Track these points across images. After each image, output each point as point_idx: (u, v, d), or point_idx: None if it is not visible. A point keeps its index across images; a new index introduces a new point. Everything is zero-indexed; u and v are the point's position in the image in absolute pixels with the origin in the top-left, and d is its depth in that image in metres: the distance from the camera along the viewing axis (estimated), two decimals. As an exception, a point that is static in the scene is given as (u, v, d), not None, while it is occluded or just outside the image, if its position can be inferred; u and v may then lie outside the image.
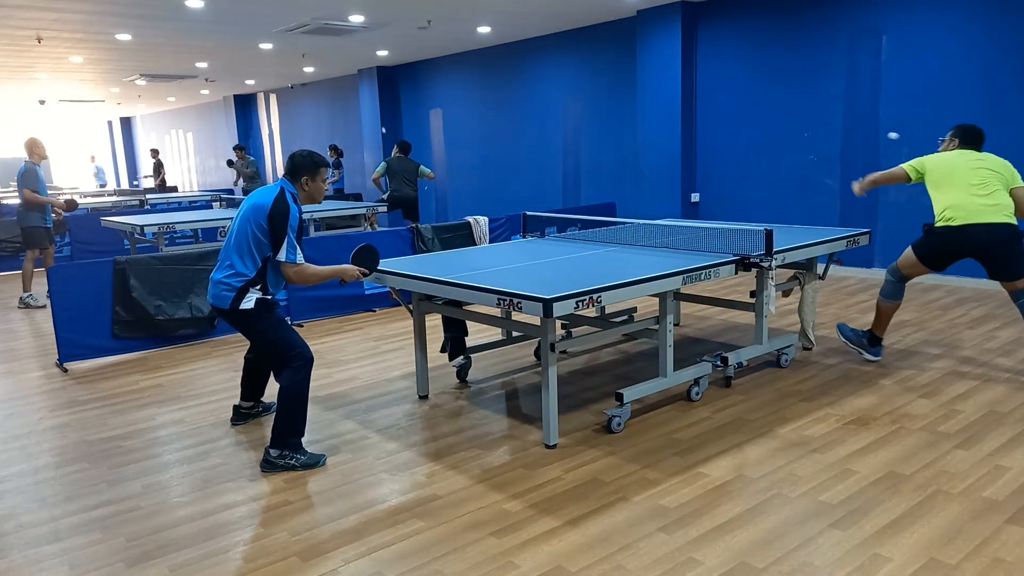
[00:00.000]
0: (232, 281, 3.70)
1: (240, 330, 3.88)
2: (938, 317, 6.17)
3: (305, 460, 3.69)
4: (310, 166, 3.82)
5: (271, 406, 4.37)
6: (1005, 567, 2.64)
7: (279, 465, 3.66)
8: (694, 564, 2.73)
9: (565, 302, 3.38)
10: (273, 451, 3.67)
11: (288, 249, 3.67)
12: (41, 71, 12.76)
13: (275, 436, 3.68)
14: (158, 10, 8.25)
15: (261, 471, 3.66)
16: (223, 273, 3.74)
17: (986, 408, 4.15)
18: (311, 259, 6.85)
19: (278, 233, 3.64)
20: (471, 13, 9.25)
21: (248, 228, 3.68)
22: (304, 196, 3.85)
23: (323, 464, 3.72)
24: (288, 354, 3.72)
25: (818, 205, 8.36)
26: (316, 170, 3.83)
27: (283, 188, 3.73)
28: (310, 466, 3.69)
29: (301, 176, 3.82)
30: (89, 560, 2.92)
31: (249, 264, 3.69)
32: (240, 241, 3.71)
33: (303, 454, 3.71)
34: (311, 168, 3.82)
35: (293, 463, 3.67)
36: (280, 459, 3.66)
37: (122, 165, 26.10)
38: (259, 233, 3.66)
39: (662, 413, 4.24)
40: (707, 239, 4.99)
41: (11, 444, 4.17)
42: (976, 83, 7.06)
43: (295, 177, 3.81)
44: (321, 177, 3.86)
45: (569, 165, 11.30)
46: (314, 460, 3.71)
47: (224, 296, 3.72)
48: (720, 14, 8.95)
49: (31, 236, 8.06)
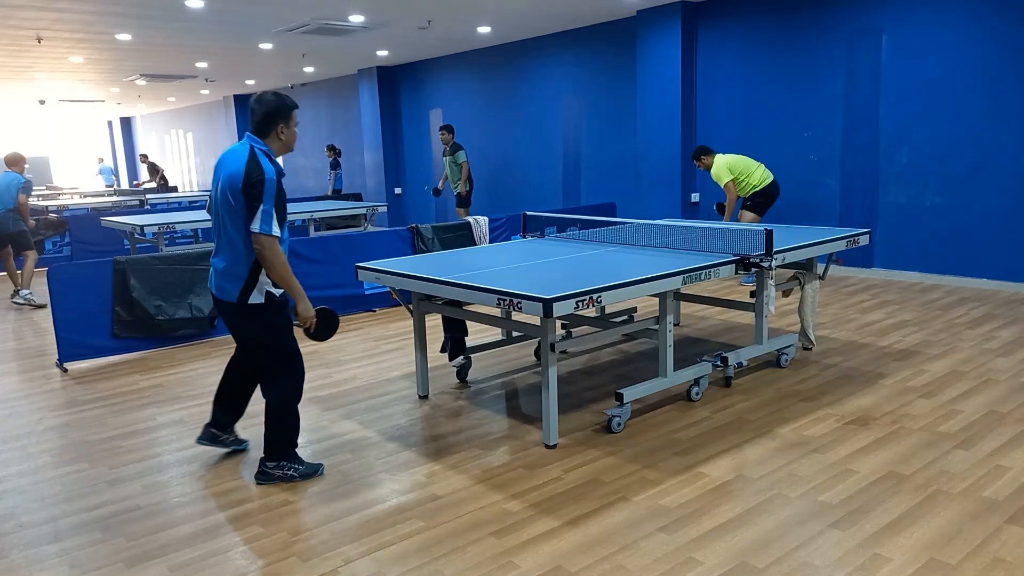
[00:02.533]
0: (237, 270, 3.31)
1: (239, 327, 3.48)
2: (938, 317, 6.17)
3: (304, 470, 3.56)
4: (283, 109, 3.33)
5: (244, 443, 3.93)
6: (1005, 567, 2.64)
7: (276, 476, 3.52)
8: (694, 564, 2.73)
9: (565, 302, 3.38)
10: (270, 463, 3.52)
11: (263, 219, 3.18)
12: (41, 71, 12.75)
13: (270, 448, 3.52)
14: (158, 10, 8.25)
15: (257, 483, 3.52)
16: (224, 261, 3.34)
17: (986, 408, 4.15)
18: (309, 259, 6.92)
19: (252, 202, 3.18)
20: (471, 13, 9.25)
21: (230, 203, 3.23)
22: (280, 147, 3.39)
23: (321, 473, 3.60)
24: (288, 365, 3.46)
25: (818, 205, 8.36)
26: (290, 113, 3.36)
27: (252, 148, 3.26)
28: (309, 475, 3.56)
29: (275, 124, 3.34)
30: (89, 560, 2.92)
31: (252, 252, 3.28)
32: (229, 222, 3.27)
33: (300, 463, 3.57)
34: (284, 112, 3.34)
35: (292, 473, 3.53)
36: (277, 470, 3.52)
37: (122, 165, 26.10)
38: (240, 207, 3.22)
39: (662, 413, 4.24)
40: (707, 239, 4.99)
41: (11, 444, 4.17)
42: (976, 83, 7.06)
43: (267, 128, 3.33)
44: (294, 121, 3.40)
45: (569, 165, 11.30)
46: (312, 469, 3.58)
47: (229, 288, 3.33)
48: (720, 14, 8.95)
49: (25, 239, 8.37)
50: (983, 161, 7.11)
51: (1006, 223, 7.03)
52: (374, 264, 4.44)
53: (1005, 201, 7.01)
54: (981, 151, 7.11)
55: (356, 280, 6.83)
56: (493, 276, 3.93)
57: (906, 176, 7.65)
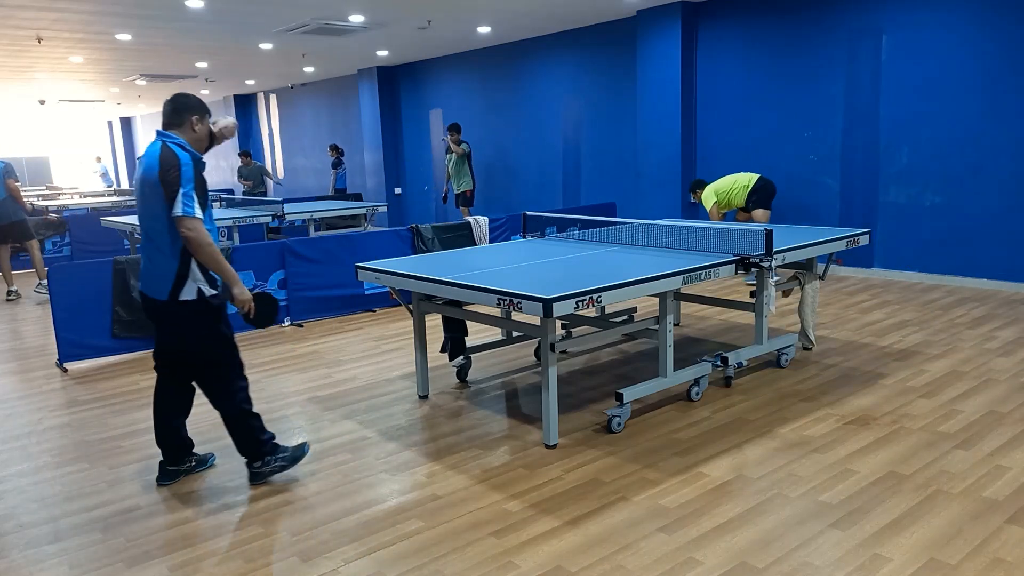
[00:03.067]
0: (166, 266, 3.19)
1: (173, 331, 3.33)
2: (938, 317, 6.17)
3: (289, 455, 3.53)
4: (193, 102, 3.30)
5: (208, 458, 3.74)
6: (1005, 567, 2.64)
7: (267, 473, 3.50)
8: (694, 564, 2.73)
9: (565, 302, 3.38)
10: (255, 464, 3.49)
11: (184, 201, 3.08)
12: (41, 71, 12.75)
13: (247, 452, 3.47)
14: (158, 10, 8.25)
15: (251, 485, 3.50)
16: (152, 260, 3.24)
17: (986, 408, 4.15)
18: (309, 259, 6.92)
19: (171, 189, 3.08)
20: (471, 13, 9.25)
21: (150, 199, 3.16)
22: (194, 140, 3.31)
23: (307, 451, 3.57)
24: (232, 370, 3.36)
25: (818, 205, 8.36)
26: (205, 109, 3.34)
27: (163, 142, 3.20)
28: (298, 458, 3.54)
29: (189, 115, 3.28)
30: (89, 560, 2.92)
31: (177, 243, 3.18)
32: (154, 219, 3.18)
33: (284, 451, 3.54)
34: (201, 107, 3.32)
35: (281, 464, 3.51)
36: (265, 467, 3.49)
37: (122, 165, 26.10)
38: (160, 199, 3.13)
39: (662, 413, 4.24)
40: (707, 239, 4.99)
41: (11, 444, 4.17)
42: (976, 83, 7.06)
43: (180, 118, 3.27)
44: (210, 119, 3.36)
45: (569, 165, 11.30)
46: (299, 452, 3.55)
47: (159, 287, 3.22)
48: (720, 14, 8.95)
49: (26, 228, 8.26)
50: (983, 161, 7.11)
51: (1006, 223, 7.03)
52: (374, 264, 4.44)
53: (1005, 201, 7.01)
54: (981, 151, 7.11)
55: (356, 280, 6.84)
56: (493, 276, 3.93)
57: (906, 176, 7.65)
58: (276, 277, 6.78)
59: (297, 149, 17.75)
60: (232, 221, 8.91)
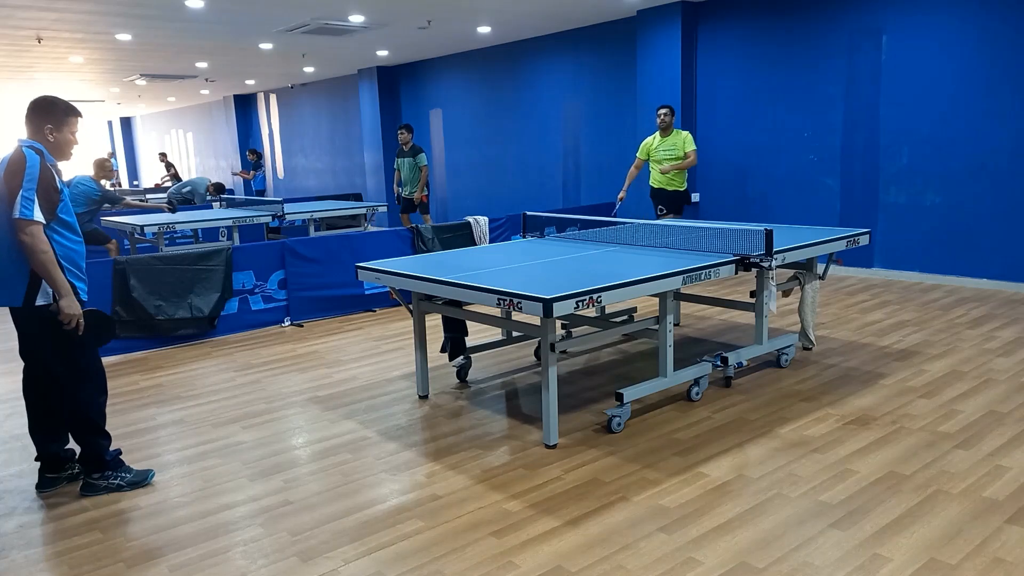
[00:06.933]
0: (17, 271, 3.12)
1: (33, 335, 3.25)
2: (938, 317, 6.17)
3: (131, 478, 3.47)
4: (51, 110, 3.21)
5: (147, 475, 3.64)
6: (1005, 567, 2.64)
7: (102, 487, 3.43)
8: (694, 564, 2.73)
9: (565, 302, 3.38)
10: (94, 475, 3.42)
11: (22, 203, 3.00)
12: (41, 71, 12.75)
13: (86, 461, 3.40)
14: (158, 10, 8.25)
15: (81, 495, 3.43)
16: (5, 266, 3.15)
17: (986, 408, 4.15)
18: (309, 259, 6.92)
19: (14, 191, 3.01)
20: (471, 13, 9.25)
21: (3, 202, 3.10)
22: (52, 148, 3.25)
23: (150, 481, 3.51)
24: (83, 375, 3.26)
25: (818, 205, 8.36)
26: (63, 117, 3.22)
27: (19, 146, 3.15)
28: (137, 484, 3.47)
29: (42, 123, 3.20)
30: (89, 560, 2.92)
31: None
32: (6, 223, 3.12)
33: (127, 471, 3.49)
34: (55, 113, 3.21)
35: (118, 483, 3.45)
36: (102, 480, 3.43)
37: (122, 165, 26.10)
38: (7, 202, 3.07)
39: (662, 413, 4.24)
40: (707, 239, 4.99)
41: (11, 444, 4.17)
42: (976, 83, 7.06)
43: (33, 125, 3.20)
44: (70, 128, 3.27)
45: (569, 165, 11.30)
46: (141, 477, 3.50)
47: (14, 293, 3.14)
48: (720, 14, 8.95)
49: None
50: (983, 161, 7.11)
51: (1006, 223, 7.03)
52: (374, 264, 4.44)
53: (1005, 201, 7.01)
54: (981, 151, 7.11)
55: (356, 280, 6.84)
56: (493, 276, 3.93)
57: (906, 176, 7.65)
58: (276, 277, 6.78)
59: (297, 149, 17.75)
60: (232, 221, 8.92)
